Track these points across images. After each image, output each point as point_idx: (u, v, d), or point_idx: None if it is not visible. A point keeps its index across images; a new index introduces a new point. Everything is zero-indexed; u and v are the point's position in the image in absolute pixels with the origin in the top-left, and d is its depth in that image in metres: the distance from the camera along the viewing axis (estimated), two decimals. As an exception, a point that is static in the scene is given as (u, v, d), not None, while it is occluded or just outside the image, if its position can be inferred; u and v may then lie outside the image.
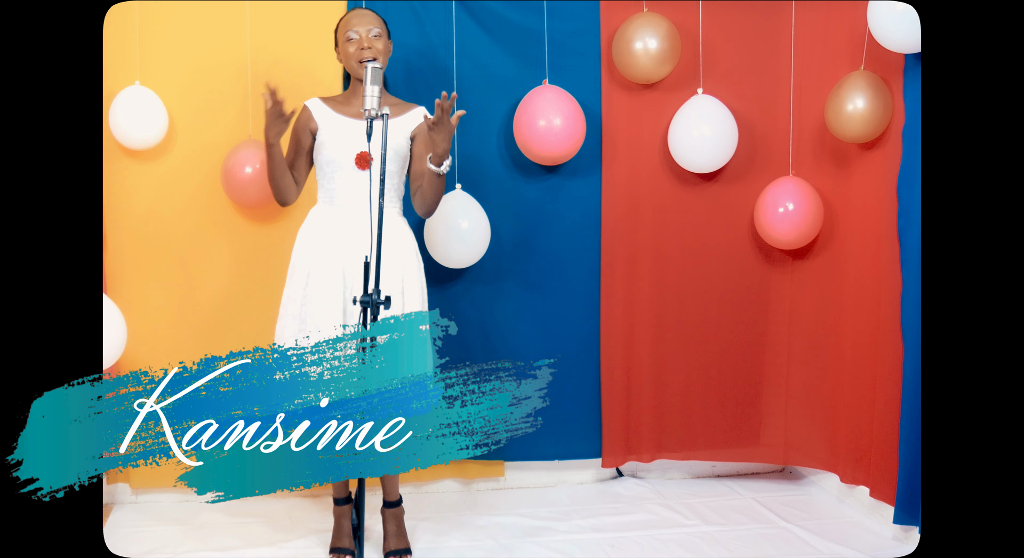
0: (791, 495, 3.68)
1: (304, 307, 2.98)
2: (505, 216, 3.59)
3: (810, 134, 3.58)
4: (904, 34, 2.89)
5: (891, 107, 3.19)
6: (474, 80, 3.54)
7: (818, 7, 3.51)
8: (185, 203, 3.46)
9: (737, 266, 3.72)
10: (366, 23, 2.97)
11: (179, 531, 3.30)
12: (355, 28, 2.96)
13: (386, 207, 2.97)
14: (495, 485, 3.75)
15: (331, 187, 3.01)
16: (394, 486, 3.18)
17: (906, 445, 3.07)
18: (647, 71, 3.47)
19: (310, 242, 3.02)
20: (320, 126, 3.02)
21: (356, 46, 2.94)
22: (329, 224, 3.00)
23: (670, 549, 3.18)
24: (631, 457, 3.77)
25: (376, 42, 2.96)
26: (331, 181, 3.00)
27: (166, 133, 3.36)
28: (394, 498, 3.18)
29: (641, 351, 3.71)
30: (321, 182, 3.05)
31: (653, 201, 3.66)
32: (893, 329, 3.18)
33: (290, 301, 3.02)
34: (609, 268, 3.67)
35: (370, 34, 2.95)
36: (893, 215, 3.17)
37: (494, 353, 3.50)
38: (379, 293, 2.55)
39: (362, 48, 2.94)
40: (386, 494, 3.18)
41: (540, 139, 3.41)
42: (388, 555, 3.12)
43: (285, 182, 3.03)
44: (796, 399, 3.73)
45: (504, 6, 3.53)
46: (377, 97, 2.60)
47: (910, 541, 3.19)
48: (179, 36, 3.40)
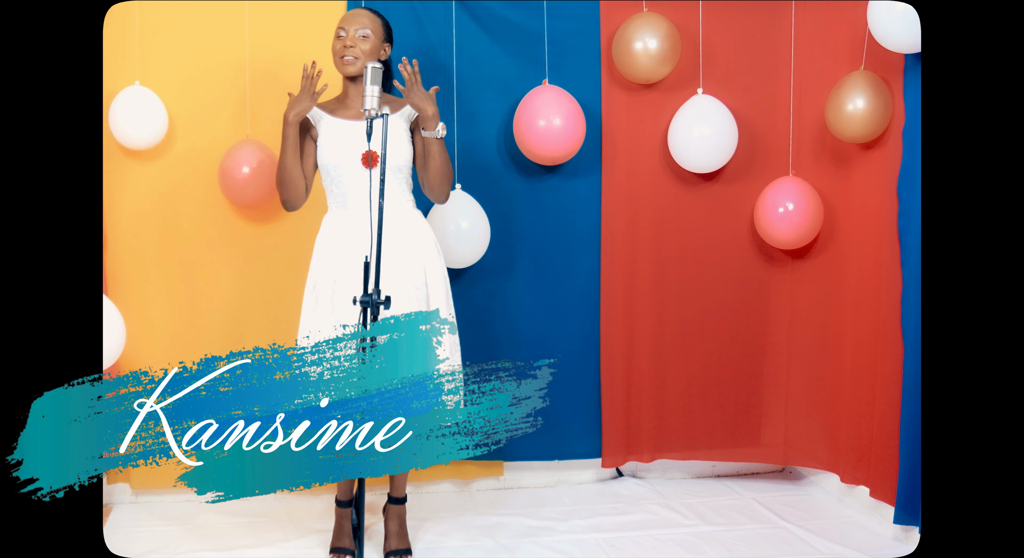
0: (791, 495, 3.68)
1: (336, 314, 2.92)
2: (505, 216, 3.59)
3: (810, 134, 3.58)
4: (904, 34, 2.89)
5: (891, 107, 3.19)
6: (474, 80, 3.54)
7: (818, 7, 3.51)
8: (185, 203, 3.46)
9: (737, 266, 3.72)
10: (356, 23, 2.96)
11: (179, 531, 3.30)
12: (344, 26, 2.97)
13: (399, 203, 2.97)
14: (495, 485, 3.75)
15: (341, 191, 2.99)
16: (402, 482, 3.19)
17: (906, 445, 3.07)
18: (647, 71, 3.47)
19: (332, 249, 2.98)
20: (320, 132, 3.02)
21: (341, 44, 2.96)
22: (346, 228, 2.97)
23: (670, 549, 3.18)
24: (631, 457, 3.77)
25: (362, 43, 2.95)
26: (339, 185, 2.98)
27: (166, 133, 3.36)
28: (400, 495, 3.18)
29: (641, 351, 3.71)
30: (329, 188, 3.02)
31: (653, 201, 3.66)
32: (893, 329, 3.18)
33: (317, 309, 2.96)
34: (609, 268, 3.67)
35: (357, 34, 2.95)
36: (893, 215, 3.17)
37: (494, 353, 3.49)
38: (379, 293, 2.55)
39: (345, 46, 2.94)
40: (393, 490, 3.19)
41: (540, 139, 3.41)
42: (388, 555, 3.12)
43: (297, 173, 2.98)
44: (796, 399, 3.73)
45: (504, 6, 3.53)
46: (377, 97, 2.60)
47: (910, 541, 3.19)
48: (179, 36, 3.40)
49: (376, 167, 2.68)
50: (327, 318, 2.94)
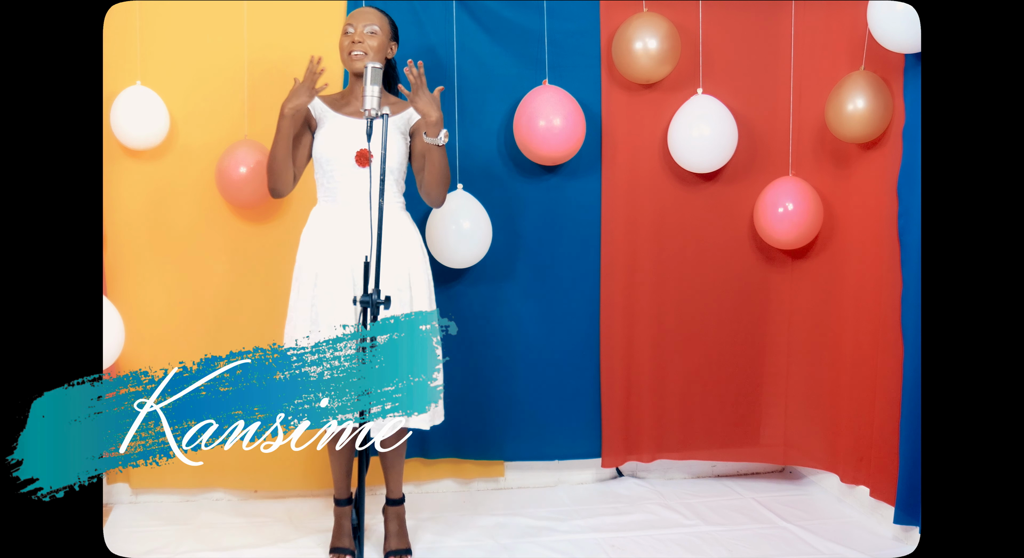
0: (791, 495, 3.68)
1: (315, 308, 2.96)
2: (505, 216, 3.59)
3: (810, 134, 3.58)
4: (904, 34, 2.89)
5: (891, 107, 3.19)
6: (474, 80, 3.54)
7: (818, 7, 3.51)
8: (185, 203, 3.45)
9: (737, 266, 3.72)
10: (364, 20, 2.99)
11: (179, 531, 3.30)
12: (352, 23, 2.99)
13: (389, 204, 2.97)
14: (495, 485, 3.75)
15: (332, 186, 3.01)
16: (398, 484, 3.19)
17: (906, 445, 3.07)
18: (647, 71, 3.47)
19: (316, 242, 3.00)
20: (319, 124, 3.03)
21: (349, 40, 2.97)
22: (333, 223, 2.99)
23: (670, 549, 3.18)
24: (631, 457, 3.77)
25: (370, 39, 2.97)
26: (331, 179, 3.00)
27: (167, 133, 3.36)
28: (397, 496, 3.18)
29: (641, 351, 3.71)
30: (321, 181, 3.04)
31: (653, 201, 3.66)
32: (893, 329, 3.18)
33: (299, 301, 3.00)
34: (609, 268, 3.67)
35: (365, 30, 2.97)
36: (893, 215, 3.17)
37: (494, 353, 3.49)
38: (379, 293, 2.55)
39: (354, 41, 2.96)
40: (389, 492, 3.19)
41: (540, 139, 3.40)
42: (388, 555, 3.12)
43: (286, 165, 3.00)
44: (796, 399, 3.73)
45: (504, 6, 3.53)
46: (377, 97, 2.61)
47: (910, 541, 3.19)
48: (180, 36, 3.40)
49: (368, 166, 2.67)
50: (306, 313, 2.96)
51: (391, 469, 3.17)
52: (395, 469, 3.17)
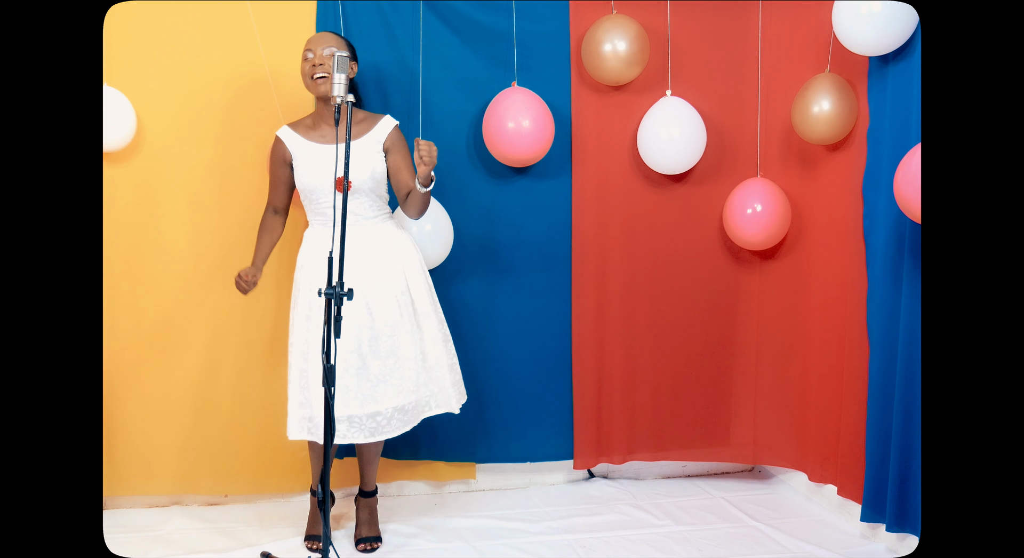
0: (760, 494, 3.71)
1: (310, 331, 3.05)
2: (475, 218, 3.59)
3: (777, 136, 3.61)
4: (868, 37, 2.91)
5: (856, 109, 3.22)
6: (443, 82, 3.53)
7: (784, 7, 3.53)
8: (155, 206, 3.42)
9: (706, 267, 3.74)
10: (323, 43, 3.08)
11: (148, 538, 3.27)
12: (311, 48, 3.07)
13: (376, 219, 3.12)
14: (466, 487, 3.75)
15: (320, 210, 3.11)
16: (371, 477, 3.28)
17: (872, 443, 3.10)
18: (616, 73, 3.49)
19: (313, 264, 3.09)
20: (294, 155, 3.12)
21: (310, 65, 3.06)
22: (327, 245, 3.07)
23: (641, 549, 3.19)
24: (603, 458, 3.78)
25: (330, 61, 3.04)
26: (318, 205, 3.11)
27: (134, 136, 3.33)
28: (370, 488, 3.28)
29: (612, 352, 3.72)
30: (308, 206, 3.15)
31: (623, 202, 3.67)
32: (860, 329, 3.20)
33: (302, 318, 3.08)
34: (579, 269, 3.68)
35: (324, 53, 3.05)
36: (859, 216, 3.20)
37: (463, 355, 3.49)
38: (343, 285, 2.60)
39: (315, 65, 3.05)
40: (363, 484, 3.28)
41: (509, 141, 3.41)
42: (359, 542, 3.21)
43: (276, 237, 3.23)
44: (765, 399, 3.76)
45: (473, 7, 3.52)
46: (343, 85, 2.69)
47: (877, 538, 3.22)
48: (148, 38, 3.35)
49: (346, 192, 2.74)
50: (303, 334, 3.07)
51: (369, 464, 3.28)
52: (372, 463, 3.29)
